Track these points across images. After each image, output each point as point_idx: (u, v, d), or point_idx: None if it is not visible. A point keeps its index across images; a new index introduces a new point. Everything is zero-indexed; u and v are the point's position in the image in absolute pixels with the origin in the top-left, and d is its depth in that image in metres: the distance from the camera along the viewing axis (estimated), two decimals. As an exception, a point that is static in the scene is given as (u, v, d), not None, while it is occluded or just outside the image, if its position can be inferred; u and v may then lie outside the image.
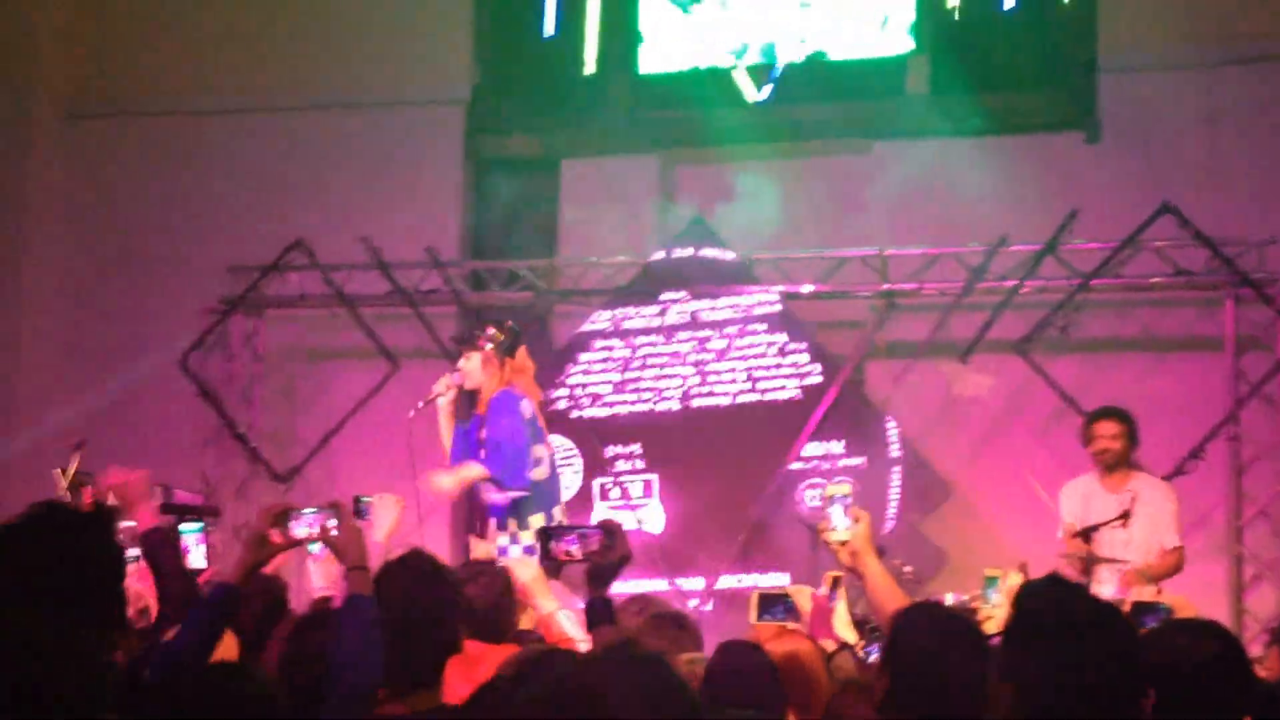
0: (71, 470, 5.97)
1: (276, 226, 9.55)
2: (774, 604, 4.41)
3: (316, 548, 4.27)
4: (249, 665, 3.29)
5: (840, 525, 3.48)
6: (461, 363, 6.40)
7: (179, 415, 9.58)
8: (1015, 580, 5.46)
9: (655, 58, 9.80)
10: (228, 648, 3.45)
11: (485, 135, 10.03)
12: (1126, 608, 5.39)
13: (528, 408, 6.29)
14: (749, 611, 4.42)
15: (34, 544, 2.62)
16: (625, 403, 8.93)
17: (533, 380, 6.49)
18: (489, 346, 6.32)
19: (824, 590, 4.66)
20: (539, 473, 6.27)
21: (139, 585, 4.06)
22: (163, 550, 3.98)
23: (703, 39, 9.73)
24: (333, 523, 3.30)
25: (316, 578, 4.72)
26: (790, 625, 4.31)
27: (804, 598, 4.64)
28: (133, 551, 3.88)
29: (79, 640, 2.17)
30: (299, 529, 3.31)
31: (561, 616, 4.32)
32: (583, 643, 3.89)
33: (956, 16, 9.39)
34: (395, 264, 9.35)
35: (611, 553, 3.34)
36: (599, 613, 3.37)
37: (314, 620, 3.58)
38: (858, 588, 3.89)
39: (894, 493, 8.40)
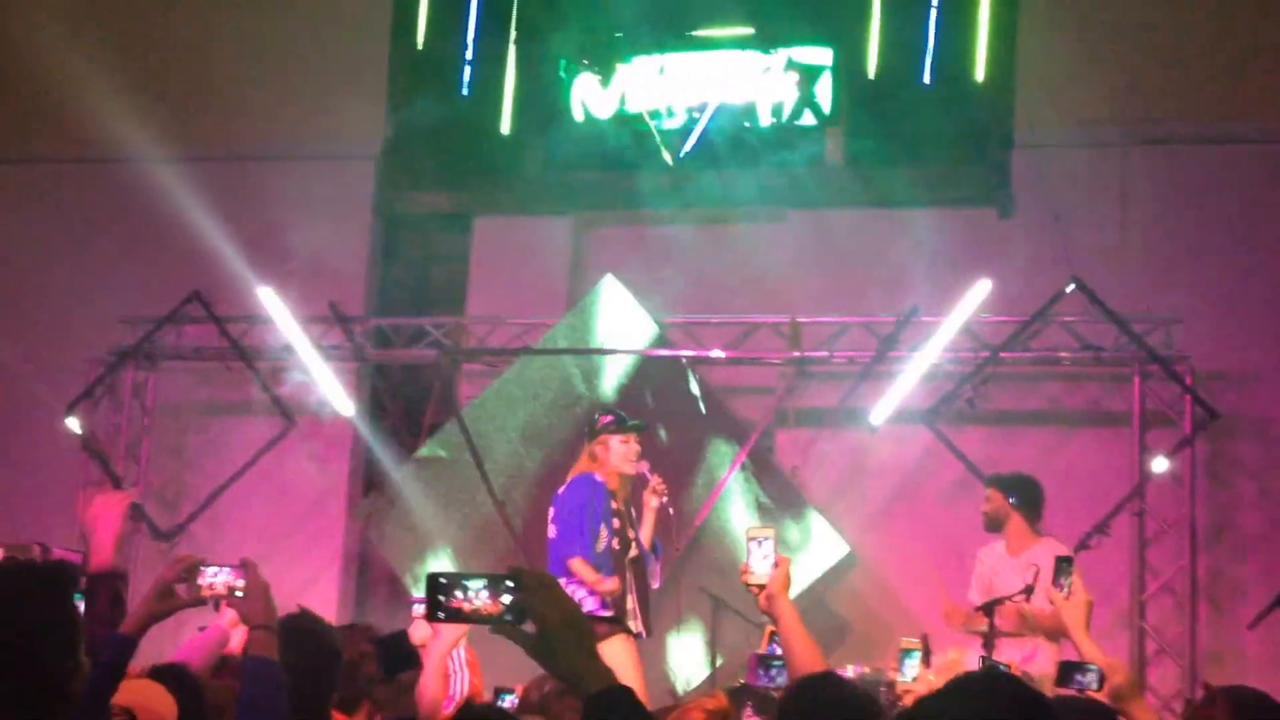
0: None
1: (176, 278, 9.27)
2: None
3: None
4: None
5: (759, 569, 3.33)
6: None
7: (64, 469, 9.22)
8: (952, 658, 5.31)
9: (572, 119, 9.70)
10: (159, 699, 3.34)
11: (396, 191, 9.87)
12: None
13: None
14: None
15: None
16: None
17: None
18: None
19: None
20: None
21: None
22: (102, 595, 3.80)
23: (620, 102, 9.64)
24: (240, 582, 3.25)
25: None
26: None
27: None
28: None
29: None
30: (206, 584, 3.26)
31: None
32: None
33: (875, 89, 9.38)
34: (296, 318, 9.10)
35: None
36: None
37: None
38: None
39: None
